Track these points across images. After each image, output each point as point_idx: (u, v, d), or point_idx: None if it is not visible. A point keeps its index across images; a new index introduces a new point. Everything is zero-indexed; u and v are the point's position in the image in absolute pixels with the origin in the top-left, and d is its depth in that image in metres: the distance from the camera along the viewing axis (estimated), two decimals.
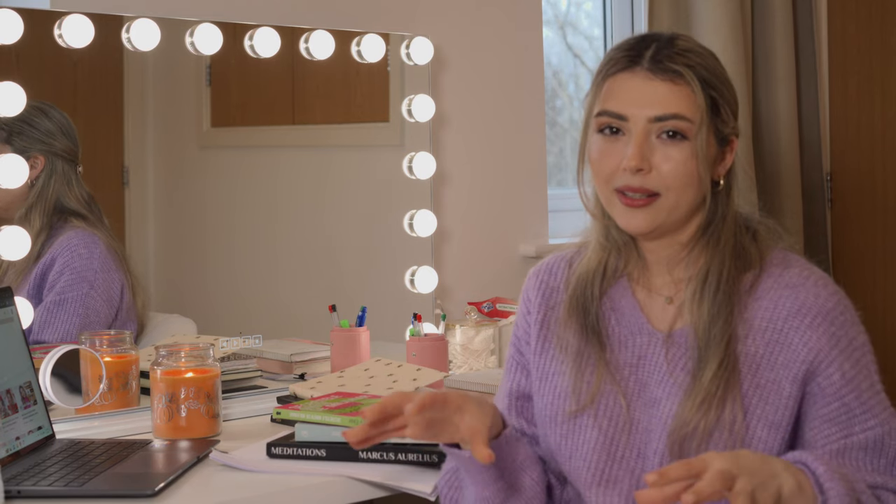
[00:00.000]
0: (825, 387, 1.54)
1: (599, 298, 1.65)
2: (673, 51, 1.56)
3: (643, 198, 1.55)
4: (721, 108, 1.57)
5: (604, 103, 1.57)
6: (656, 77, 1.55)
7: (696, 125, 1.54)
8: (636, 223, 1.57)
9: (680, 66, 1.54)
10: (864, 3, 3.45)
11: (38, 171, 2.20)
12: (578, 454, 1.61)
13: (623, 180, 1.55)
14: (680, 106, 1.54)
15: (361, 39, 2.54)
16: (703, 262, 1.60)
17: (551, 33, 3.30)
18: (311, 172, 2.62)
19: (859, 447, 1.54)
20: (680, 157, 1.54)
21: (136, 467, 1.77)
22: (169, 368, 1.97)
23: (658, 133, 1.55)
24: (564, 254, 1.73)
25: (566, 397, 1.64)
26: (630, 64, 1.57)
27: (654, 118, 1.54)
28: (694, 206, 1.58)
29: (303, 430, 1.84)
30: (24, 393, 1.86)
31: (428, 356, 2.32)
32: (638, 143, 1.54)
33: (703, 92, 1.54)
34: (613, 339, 1.63)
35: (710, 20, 3.08)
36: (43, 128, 2.18)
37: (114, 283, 2.27)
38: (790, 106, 3.27)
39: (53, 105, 2.20)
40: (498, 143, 2.92)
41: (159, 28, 2.23)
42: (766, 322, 1.57)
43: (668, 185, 1.55)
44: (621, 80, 1.57)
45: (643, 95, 1.55)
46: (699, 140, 1.54)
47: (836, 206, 3.50)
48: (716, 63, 1.59)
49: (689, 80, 1.54)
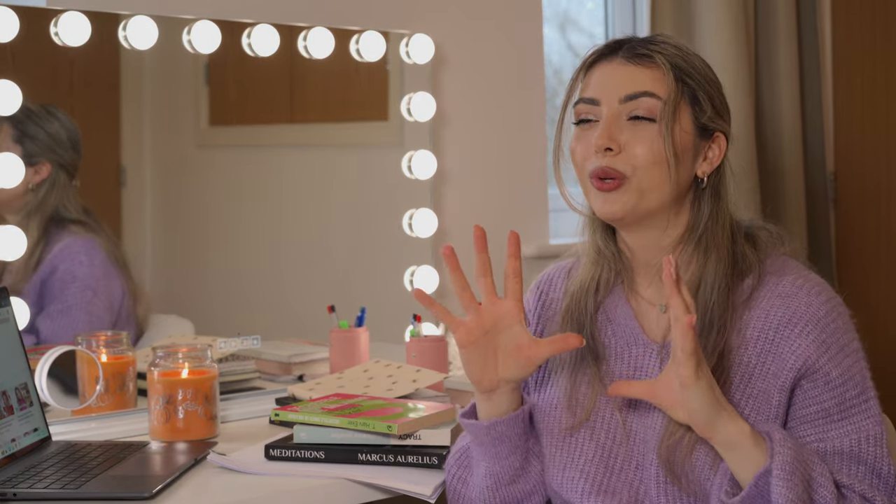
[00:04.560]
0: (808, 390, 1.55)
1: (594, 312, 1.66)
2: (650, 42, 1.61)
3: (613, 182, 1.57)
4: (699, 97, 1.59)
5: (581, 93, 1.62)
6: (629, 63, 1.59)
7: (664, 103, 1.56)
8: (609, 207, 1.58)
9: (652, 52, 1.59)
10: (868, 1, 3.44)
11: (42, 177, 2.18)
12: (575, 465, 1.61)
13: (594, 163, 1.58)
14: (651, 85, 1.57)
15: (360, 37, 2.53)
16: (695, 270, 1.60)
17: (552, 31, 3.29)
18: (309, 172, 2.61)
19: (835, 452, 1.54)
20: (649, 137, 1.56)
21: (133, 469, 1.76)
22: (166, 370, 1.96)
23: (628, 115, 1.57)
24: (565, 264, 1.75)
25: (562, 410, 1.64)
26: (608, 52, 1.62)
27: (623, 97, 1.57)
28: (669, 194, 1.58)
29: (301, 432, 1.83)
30: (20, 394, 1.85)
31: (428, 357, 2.31)
32: (606, 125, 1.57)
33: (673, 74, 1.57)
34: (610, 351, 1.64)
35: (713, 17, 3.07)
36: (55, 135, 2.17)
37: (115, 289, 2.27)
38: (793, 104, 3.26)
39: (67, 115, 2.19)
40: (498, 142, 2.91)
41: (156, 26, 2.22)
42: (759, 332, 1.57)
43: (635, 166, 1.56)
44: (597, 69, 1.62)
45: (615, 78, 1.59)
46: (666, 118, 1.56)
47: (839, 205, 3.49)
48: (699, 61, 1.62)
49: (659, 63, 1.58)
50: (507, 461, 1.62)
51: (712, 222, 1.60)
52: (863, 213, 3.46)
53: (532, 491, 1.64)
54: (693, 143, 1.59)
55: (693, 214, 1.61)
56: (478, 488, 1.65)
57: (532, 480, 1.64)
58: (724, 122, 1.62)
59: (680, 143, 1.57)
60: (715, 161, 1.61)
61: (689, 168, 1.59)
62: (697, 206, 1.61)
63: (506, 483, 1.63)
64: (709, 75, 1.62)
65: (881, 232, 3.43)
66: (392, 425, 1.77)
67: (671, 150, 1.56)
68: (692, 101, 1.59)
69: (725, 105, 1.64)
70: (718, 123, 1.61)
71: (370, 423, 1.79)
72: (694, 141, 1.59)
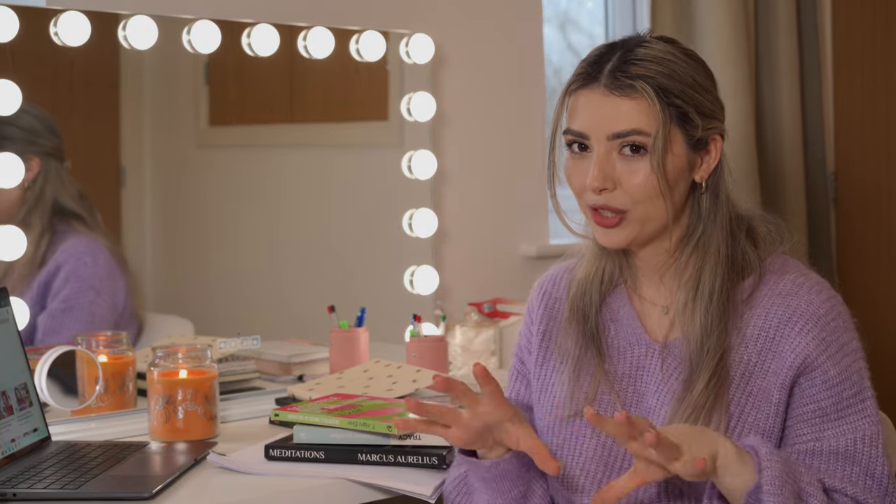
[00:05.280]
0: (805, 388, 1.55)
1: (599, 305, 1.66)
2: (632, 62, 1.56)
3: (613, 216, 1.57)
4: (689, 114, 1.56)
5: (568, 122, 1.60)
6: (612, 94, 1.55)
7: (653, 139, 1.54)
8: (611, 240, 1.59)
9: (635, 81, 1.54)
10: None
11: (34, 173, 2.18)
12: (575, 462, 1.62)
13: (590, 199, 1.57)
14: (638, 121, 1.54)
15: (360, 37, 2.53)
16: (693, 270, 1.60)
17: (552, 31, 3.29)
18: (309, 171, 2.61)
19: (830, 452, 1.54)
20: (643, 170, 1.55)
21: (133, 470, 1.76)
22: (166, 370, 1.96)
23: (619, 149, 1.56)
24: (568, 264, 1.74)
25: (563, 406, 1.64)
26: (589, 80, 1.58)
27: (612, 135, 1.55)
28: (670, 217, 1.58)
29: (301, 432, 1.83)
30: (20, 394, 1.85)
31: (428, 357, 2.31)
32: (599, 164, 1.55)
33: (660, 102, 1.54)
34: (612, 350, 1.65)
35: (713, 16, 3.07)
36: (29, 128, 2.16)
37: (118, 290, 2.27)
38: (794, 103, 3.26)
39: (31, 102, 2.16)
40: (498, 142, 2.91)
41: (156, 26, 2.22)
42: (759, 331, 1.57)
43: (634, 200, 1.56)
44: (581, 97, 1.58)
45: (601, 112, 1.56)
46: (656, 153, 1.54)
47: (840, 205, 3.49)
48: (683, 67, 1.57)
49: (643, 93, 1.54)
50: (510, 494, 1.61)
51: (710, 223, 1.60)
52: (863, 212, 3.45)
53: None
54: (687, 161, 1.58)
55: (692, 216, 1.61)
56: None
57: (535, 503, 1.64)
58: (718, 121, 1.60)
59: (673, 171, 1.56)
60: (712, 164, 1.60)
61: (685, 185, 1.59)
62: (696, 207, 1.61)
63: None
64: (695, 80, 1.57)
65: (881, 231, 3.43)
66: (392, 426, 1.77)
67: (664, 183, 1.54)
68: (682, 122, 1.56)
69: (717, 102, 1.61)
70: (711, 129, 1.59)
71: (370, 423, 1.79)
72: (688, 158, 1.58)
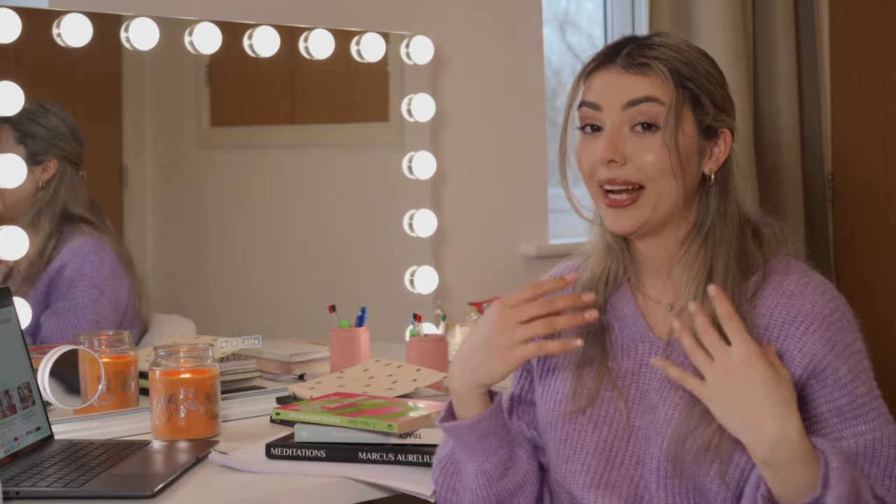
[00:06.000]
0: (818, 389, 1.54)
1: (604, 305, 1.65)
2: (647, 47, 1.60)
3: (627, 197, 1.57)
4: (701, 99, 1.59)
5: (583, 96, 1.62)
6: (628, 71, 1.58)
7: (667, 110, 1.56)
8: (621, 223, 1.59)
9: (651, 61, 1.58)
10: (867, 1, 3.44)
11: (50, 174, 2.19)
12: (576, 458, 1.61)
13: (601, 173, 1.58)
14: (652, 90, 1.57)
15: (361, 38, 2.53)
16: (703, 263, 1.60)
17: (551, 33, 3.30)
18: (310, 172, 2.62)
19: (849, 452, 1.52)
20: (654, 147, 1.56)
21: (135, 468, 1.77)
22: (168, 369, 1.96)
23: (632, 124, 1.57)
24: (573, 263, 1.74)
25: (566, 402, 1.64)
26: (605, 61, 1.61)
27: (625, 103, 1.57)
28: (681, 200, 1.58)
29: (302, 431, 1.83)
30: (23, 393, 1.85)
31: (428, 357, 2.31)
32: (610, 135, 1.57)
33: (673, 80, 1.57)
34: (616, 348, 1.64)
35: (711, 17, 3.08)
36: (55, 130, 2.18)
37: (122, 290, 2.28)
38: (791, 104, 3.27)
39: (60, 107, 2.19)
40: (498, 142, 2.91)
41: (158, 27, 2.22)
42: (763, 330, 1.56)
43: (648, 176, 1.57)
44: (597, 77, 1.61)
45: (616, 85, 1.59)
46: (669, 128, 1.55)
47: (837, 205, 3.50)
48: (697, 58, 1.60)
49: (658, 71, 1.57)
50: (496, 456, 1.62)
51: (719, 217, 1.60)
52: (861, 213, 3.46)
53: (524, 480, 1.64)
54: (697, 145, 1.59)
55: (701, 210, 1.61)
56: (469, 490, 1.64)
57: (522, 469, 1.64)
58: (729, 116, 1.62)
59: (684, 151, 1.57)
60: (721, 157, 1.61)
61: (695, 171, 1.60)
62: (705, 201, 1.61)
63: (497, 478, 1.62)
64: (709, 72, 1.61)
65: (879, 232, 3.44)
66: (392, 424, 1.78)
67: (676, 160, 1.55)
68: (694, 105, 1.58)
69: (728, 99, 1.63)
70: (721, 120, 1.61)
71: (371, 422, 1.79)
72: (698, 143, 1.59)
